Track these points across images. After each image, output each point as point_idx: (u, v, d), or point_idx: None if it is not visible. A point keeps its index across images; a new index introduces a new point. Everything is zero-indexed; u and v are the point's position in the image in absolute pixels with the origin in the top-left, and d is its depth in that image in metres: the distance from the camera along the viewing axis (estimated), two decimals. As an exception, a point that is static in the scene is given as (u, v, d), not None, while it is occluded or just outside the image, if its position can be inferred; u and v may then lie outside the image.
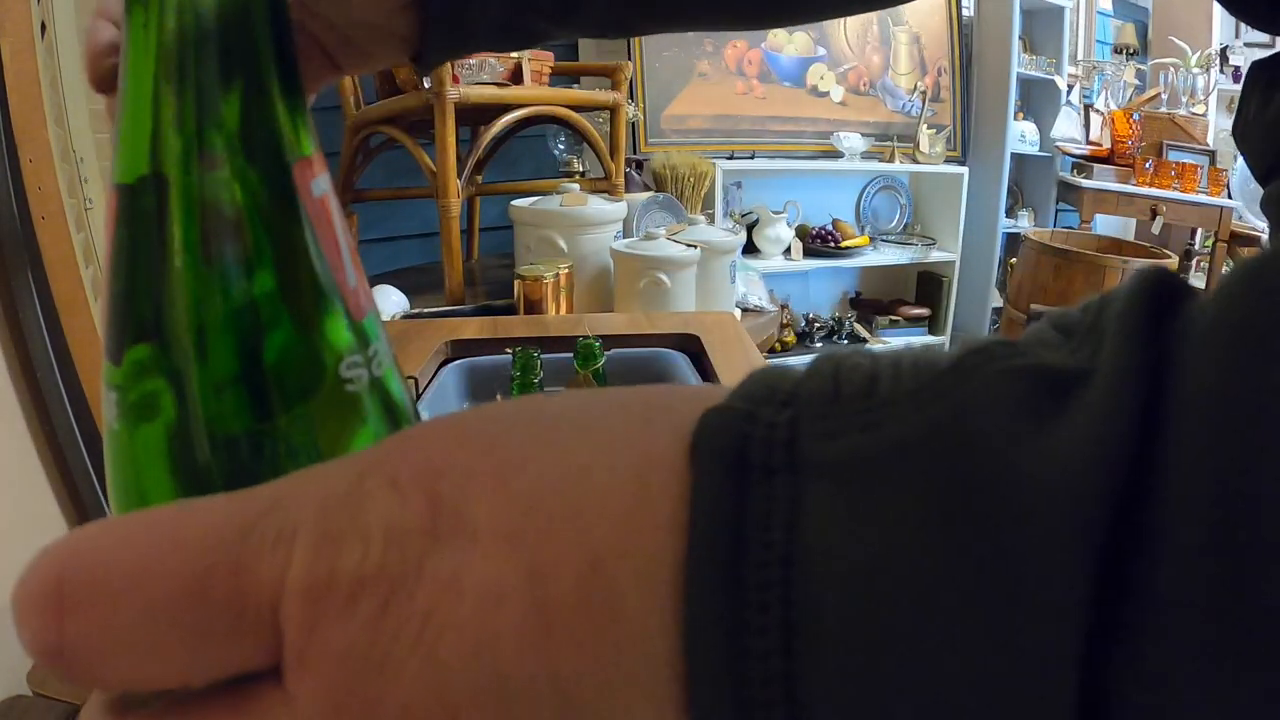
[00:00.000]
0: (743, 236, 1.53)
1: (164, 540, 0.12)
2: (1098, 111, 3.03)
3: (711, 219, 1.86)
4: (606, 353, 0.64)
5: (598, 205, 1.24)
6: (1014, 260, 2.47)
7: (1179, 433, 0.11)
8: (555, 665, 0.12)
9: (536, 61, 1.36)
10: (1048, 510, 0.11)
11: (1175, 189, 2.61)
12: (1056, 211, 3.06)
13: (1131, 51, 3.37)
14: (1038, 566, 0.11)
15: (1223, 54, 3.18)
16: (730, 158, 2.41)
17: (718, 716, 0.12)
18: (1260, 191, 0.32)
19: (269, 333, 0.16)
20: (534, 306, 1.08)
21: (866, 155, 2.61)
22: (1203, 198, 2.55)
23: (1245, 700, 0.10)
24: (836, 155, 2.57)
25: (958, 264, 2.73)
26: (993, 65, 2.74)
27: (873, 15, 2.60)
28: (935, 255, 2.72)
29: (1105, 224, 3.08)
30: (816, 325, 2.66)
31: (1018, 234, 2.73)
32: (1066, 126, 2.91)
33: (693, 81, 2.40)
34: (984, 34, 2.77)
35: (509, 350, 0.61)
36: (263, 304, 0.16)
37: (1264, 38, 3.59)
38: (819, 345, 2.63)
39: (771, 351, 2.47)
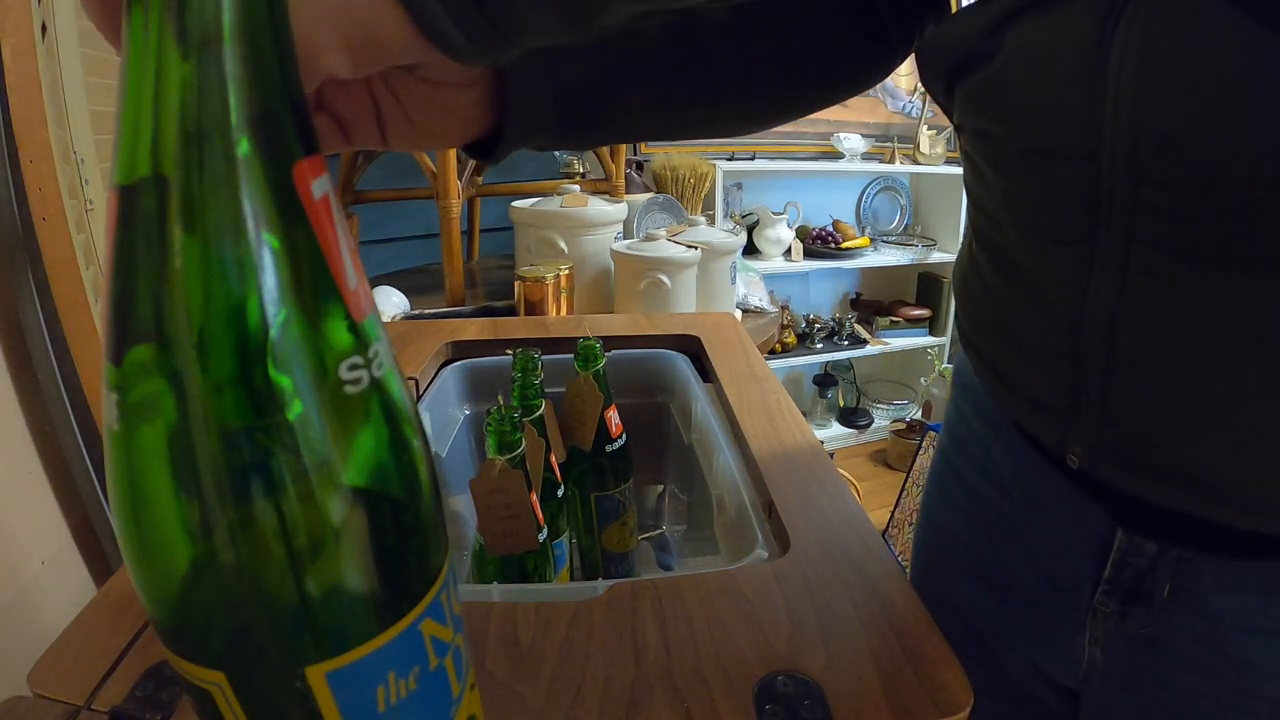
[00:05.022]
0: (743, 238, 1.53)
1: None
2: (1098, 113, 3.03)
3: (712, 220, 1.86)
4: (607, 354, 0.64)
5: (598, 206, 1.24)
6: (1014, 261, 2.47)
7: None
8: None
9: (537, 62, 1.36)
10: None
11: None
12: (1057, 212, 3.06)
13: (1132, 53, 3.37)
14: None
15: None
16: (731, 159, 2.41)
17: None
18: None
19: (269, 334, 0.16)
20: (534, 307, 1.08)
21: (867, 156, 2.61)
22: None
23: None
24: (837, 156, 2.57)
25: (958, 265, 2.73)
26: (993, 66, 2.74)
27: (873, 16, 2.60)
28: (936, 256, 2.72)
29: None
30: (817, 326, 2.66)
31: (1018, 235, 2.73)
32: (1067, 128, 2.92)
33: (693, 82, 2.40)
34: (984, 35, 2.78)
35: (509, 351, 0.61)
36: (263, 305, 0.16)
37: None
38: (819, 346, 2.63)
39: (772, 353, 2.47)
